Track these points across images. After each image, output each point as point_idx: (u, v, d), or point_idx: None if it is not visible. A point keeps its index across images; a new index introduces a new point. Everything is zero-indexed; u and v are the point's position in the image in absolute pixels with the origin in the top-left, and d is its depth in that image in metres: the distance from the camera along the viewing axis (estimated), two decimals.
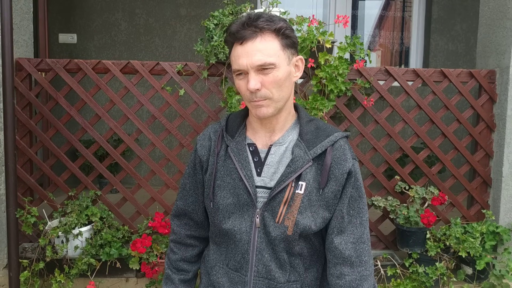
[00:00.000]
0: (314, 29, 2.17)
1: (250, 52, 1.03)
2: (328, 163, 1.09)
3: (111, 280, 2.29)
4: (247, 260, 1.10)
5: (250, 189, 1.09)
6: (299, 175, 1.08)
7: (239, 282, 1.12)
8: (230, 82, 2.32)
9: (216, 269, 1.17)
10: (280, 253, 1.10)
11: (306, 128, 1.14)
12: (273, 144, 1.14)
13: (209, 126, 1.25)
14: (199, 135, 1.23)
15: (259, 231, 1.09)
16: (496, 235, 2.34)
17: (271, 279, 1.11)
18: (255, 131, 1.17)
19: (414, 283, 2.22)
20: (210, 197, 1.14)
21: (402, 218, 2.30)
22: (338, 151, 1.11)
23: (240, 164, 1.11)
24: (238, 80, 1.09)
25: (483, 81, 2.44)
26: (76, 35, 4.23)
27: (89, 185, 2.40)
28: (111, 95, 2.36)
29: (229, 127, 1.19)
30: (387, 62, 4.73)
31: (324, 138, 1.12)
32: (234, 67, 1.07)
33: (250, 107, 1.10)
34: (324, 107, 2.23)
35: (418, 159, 2.46)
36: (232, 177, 1.12)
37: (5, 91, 2.12)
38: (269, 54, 1.03)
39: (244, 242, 1.10)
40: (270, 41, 1.04)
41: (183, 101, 3.98)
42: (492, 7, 2.53)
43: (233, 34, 1.06)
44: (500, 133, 2.43)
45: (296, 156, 1.09)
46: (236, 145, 1.13)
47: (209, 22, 2.17)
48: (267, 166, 1.12)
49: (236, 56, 1.06)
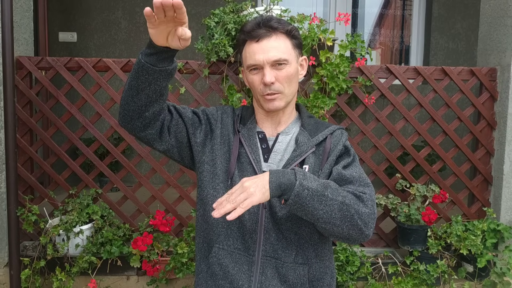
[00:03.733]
0: (315, 27, 2.16)
1: (266, 49, 1.14)
2: (328, 147, 1.20)
3: (112, 278, 2.29)
4: (255, 240, 1.15)
5: (258, 172, 1.15)
6: (303, 160, 1.17)
7: (245, 262, 1.15)
8: (231, 80, 2.31)
9: (215, 250, 1.18)
10: (286, 232, 1.15)
11: (308, 121, 1.26)
12: (280, 133, 1.24)
13: (228, 106, 1.32)
14: (219, 107, 1.30)
15: (266, 211, 1.15)
16: (497, 232, 2.34)
17: (278, 259, 1.14)
18: (262, 122, 1.26)
19: (415, 281, 2.22)
20: (230, 174, 1.18)
21: (403, 216, 2.30)
22: (336, 137, 1.22)
23: (250, 149, 1.19)
24: (251, 75, 1.19)
25: (484, 79, 2.44)
26: (76, 33, 4.22)
27: (90, 183, 2.40)
28: (111, 93, 2.35)
29: (242, 116, 1.28)
30: (387, 61, 4.72)
31: (324, 128, 1.23)
32: (249, 63, 1.17)
33: (262, 100, 1.19)
34: (325, 105, 2.23)
35: (419, 157, 2.46)
36: (241, 160, 1.19)
37: (5, 89, 2.11)
38: (283, 51, 1.16)
39: (252, 222, 1.15)
40: (283, 40, 1.17)
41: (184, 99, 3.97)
42: (493, 5, 2.52)
43: (248, 32, 1.17)
44: (501, 131, 2.43)
45: (301, 142, 1.19)
46: (247, 131, 1.23)
47: (210, 20, 2.16)
48: (274, 153, 1.21)
49: (251, 52, 1.16)
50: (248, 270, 1.14)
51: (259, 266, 1.14)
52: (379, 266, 2.30)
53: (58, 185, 2.41)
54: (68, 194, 2.39)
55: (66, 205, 2.33)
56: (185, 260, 2.14)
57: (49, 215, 2.31)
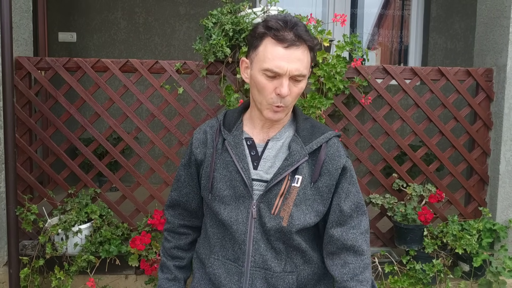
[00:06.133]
0: (312, 27, 2.18)
1: (292, 59, 1.05)
2: (322, 158, 1.13)
3: (110, 277, 2.31)
4: (244, 251, 1.13)
5: (247, 181, 1.12)
6: (296, 169, 1.12)
7: (236, 273, 1.14)
8: (228, 80, 2.33)
9: (211, 261, 1.18)
10: (275, 243, 1.13)
11: (303, 125, 1.18)
12: (270, 139, 1.17)
13: (206, 122, 1.28)
14: (196, 130, 1.26)
15: (255, 221, 1.12)
16: (493, 232, 2.35)
17: (268, 269, 1.13)
18: (253, 127, 1.20)
19: (411, 280, 2.23)
20: (208, 188, 1.16)
21: (399, 215, 2.32)
22: (332, 147, 1.16)
23: (237, 157, 1.13)
24: (264, 79, 1.08)
25: (481, 80, 2.45)
26: (75, 33, 4.24)
27: (89, 183, 2.42)
28: (110, 94, 2.37)
29: (226, 121, 1.21)
30: (386, 61, 4.74)
31: (319, 135, 1.16)
32: (268, 66, 1.06)
33: (265, 108, 1.11)
34: (322, 105, 2.24)
35: (415, 157, 2.47)
36: (228, 169, 1.14)
37: (4, 89, 2.13)
38: (305, 66, 1.08)
39: (241, 233, 1.12)
40: (307, 54, 1.09)
41: (182, 100, 3.99)
42: (489, 6, 2.54)
43: (275, 29, 1.05)
44: (497, 131, 2.45)
45: (294, 150, 1.13)
46: (233, 138, 1.16)
47: (207, 20, 2.18)
48: (264, 160, 1.16)
49: (276, 55, 1.05)
50: (238, 281, 1.14)
51: (248, 278, 1.13)
52: (375, 265, 2.31)
53: (57, 185, 2.42)
54: (67, 193, 2.41)
55: (65, 204, 2.34)
56: None
57: (48, 215, 2.33)
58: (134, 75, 2.37)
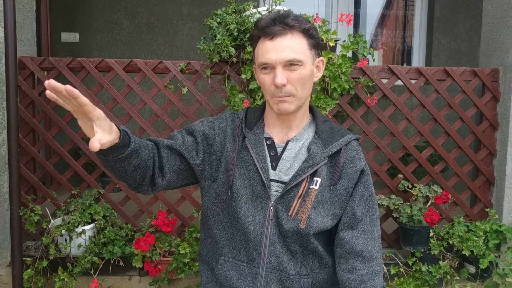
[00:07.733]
0: (317, 27, 2.16)
1: (279, 48, 1.06)
2: (341, 161, 1.12)
3: (114, 278, 2.30)
4: (260, 252, 1.11)
5: (265, 181, 1.10)
6: (315, 171, 1.11)
7: (249, 274, 1.13)
8: (233, 80, 2.31)
9: (221, 262, 1.16)
10: (292, 245, 1.12)
11: (322, 127, 1.18)
12: (290, 140, 1.16)
13: (226, 113, 1.25)
14: (216, 116, 1.23)
15: (272, 223, 1.11)
16: (499, 233, 2.33)
17: (283, 271, 1.12)
18: (272, 127, 1.19)
19: (417, 282, 2.21)
20: (229, 184, 1.14)
21: (405, 216, 2.30)
22: (351, 151, 1.15)
23: (257, 156, 1.12)
24: (262, 75, 1.11)
25: (487, 80, 2.43)
26: (78, 33, 4.23)
27: (92, 183, 2.40)
28: (114, 94, 2.36)
29: (247, 119, 1.20)
30: (389, 61, 4.72)
31: (339, 138, 1.15)
32: (261, 61, 1.09)
33: (272, 102, 1.12)
34: (327, 105, 2.23)
35: (421, 157, 2.45)
36: (247, 168, 1.13)
37: (8, 89, 2.12)
38: (297, 52, 1.07)
39: (257, 234, 1.11)
40: (298, 39, 1.08)
41: (186, 100, 3.99)
42: (495, 5, 2.52)
43: (262, 29, 1.08)
44: (503, 131, 2.43)
45: (313, 152, 1.12)
46: (254, 137, 1.15)
47: (212, 20, 2.17)
48: (283, 160, 1.14)
49: (264, 50, 1.08)
50: (252, 282, 1.12)
51: (263, 279, 1.11)
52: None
53: (60, 185, 2.41)
54: (71, 194, 2.40)
55: (68, 205, 2.33)
56: (187, 260, 2.15)
57: (51, 215, 2.32)
58: (138, 75, 2.36)
